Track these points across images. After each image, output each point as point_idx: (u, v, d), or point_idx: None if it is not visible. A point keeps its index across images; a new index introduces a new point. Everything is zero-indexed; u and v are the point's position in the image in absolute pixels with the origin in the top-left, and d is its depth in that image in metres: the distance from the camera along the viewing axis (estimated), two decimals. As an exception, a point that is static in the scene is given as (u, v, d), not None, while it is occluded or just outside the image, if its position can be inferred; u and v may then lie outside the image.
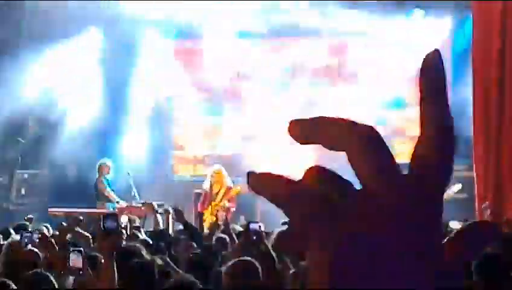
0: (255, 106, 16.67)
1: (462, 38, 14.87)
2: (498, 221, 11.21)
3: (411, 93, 15.84)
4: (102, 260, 5.18)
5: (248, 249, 6.70)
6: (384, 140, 0.76)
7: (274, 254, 6.80)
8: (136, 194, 13.68)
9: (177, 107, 17.13)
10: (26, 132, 15.64)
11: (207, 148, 16.99)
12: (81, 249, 5.63)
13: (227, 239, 8.06)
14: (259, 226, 7.36)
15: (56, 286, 5.23)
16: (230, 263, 5.00)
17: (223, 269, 4.99)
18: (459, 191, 8.74)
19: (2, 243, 7.82)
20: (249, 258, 5.07)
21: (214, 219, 12.89)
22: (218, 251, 7.41)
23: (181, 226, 8.93)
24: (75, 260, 5.34)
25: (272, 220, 13.15)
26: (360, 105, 16.07)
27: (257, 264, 5.01)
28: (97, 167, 14.02)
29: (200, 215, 12.46)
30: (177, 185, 16.41)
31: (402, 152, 15.71)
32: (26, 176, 15.10)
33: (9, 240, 6.89)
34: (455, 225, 8.62)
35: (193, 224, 12.21)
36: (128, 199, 13.73)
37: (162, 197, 14.35)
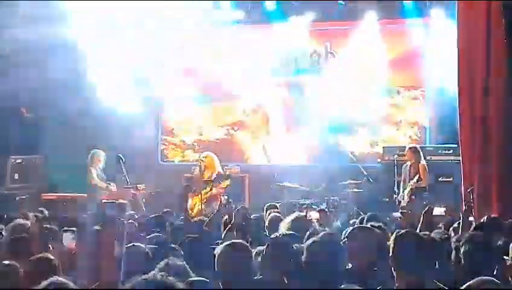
0: (245, 92, 16.80)
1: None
2: (483, 204, 11.41)
3: (398, 81, 16.02)
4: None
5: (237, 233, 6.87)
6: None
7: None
8: (127, 179, 13.76)
9: (168, 93, 17.20)
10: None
11: (196, 134, 17.13)
12: (74, 229, 5.71)
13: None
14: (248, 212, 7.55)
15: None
16: (222, 245, 5.13)
17: (216, 250, 5.11)
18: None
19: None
20: (240, 240, 5.20)
21: (203, 206, 12.95)
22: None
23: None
24: (68, 239, 5.45)
25: (259, 203, 13.35)
26: (349, 92, 16.26)
27: (248, 246, 5.15)
28: (89, 156, 14.12)
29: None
30: (166, 170, 16.54)
31: (388, 137, 15.97)
32: (19, 161, 15.17)
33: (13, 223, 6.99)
34: (439, 211, 8.76)
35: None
36: (118, 183, 13.84)
37: (151, 182, 14.48)
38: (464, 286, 4.34)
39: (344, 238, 6.04)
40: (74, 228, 5.63)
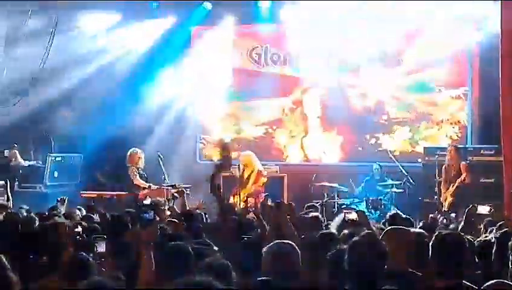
0: (282, 90, 16.73)
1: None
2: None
3: (437, 78, 15.82)
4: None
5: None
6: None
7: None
8: (166, 176, 13.80)
9: (205, 91, 17.22)
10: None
11: (234, 132, 17.07)
12: (105, 235, 5.73)
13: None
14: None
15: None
16: (269, 245, 5.08)
17: (264, 250, 5.06)
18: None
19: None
20: (288, 241, 5.15)
21: (243, 205, 12.92)
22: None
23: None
24: (100, 245, 5.47)
25: (297, 203, 13.29)
26: (385, 89, 16.13)
27: (296, 247, 5.09)
28: (127, 155, 14.10)
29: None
30: (204, 168, 16.52)
31: (429, 136, 15.78)
32: (59, 158, 15.29)
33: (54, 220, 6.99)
34: (484, 209, 8.67)
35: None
36: (158, 181, 13.86)
37: (189, 180, 14.47)
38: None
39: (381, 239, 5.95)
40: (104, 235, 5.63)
